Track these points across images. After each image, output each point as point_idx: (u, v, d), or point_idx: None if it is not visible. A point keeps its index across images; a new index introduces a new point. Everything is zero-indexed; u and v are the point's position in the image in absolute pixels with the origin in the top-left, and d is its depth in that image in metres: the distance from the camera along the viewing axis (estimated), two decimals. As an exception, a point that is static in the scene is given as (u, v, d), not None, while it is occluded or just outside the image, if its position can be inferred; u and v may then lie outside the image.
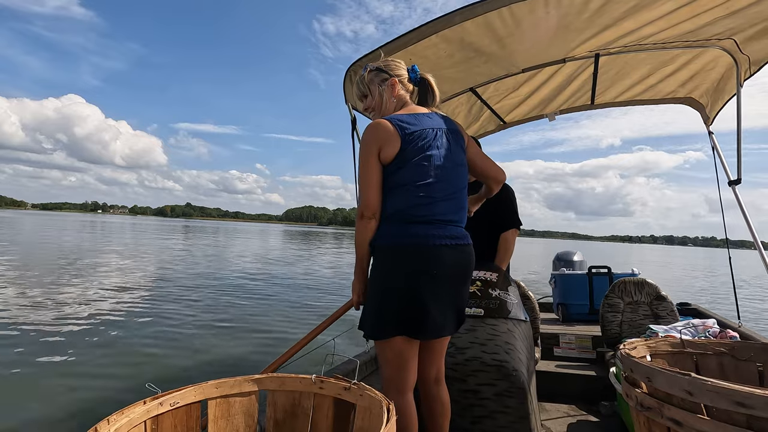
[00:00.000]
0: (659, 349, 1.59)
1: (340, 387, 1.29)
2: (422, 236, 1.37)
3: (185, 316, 6.76)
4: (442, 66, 2.40)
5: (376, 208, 1.43)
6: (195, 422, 1.24)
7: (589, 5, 1.94)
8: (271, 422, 1.34)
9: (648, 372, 1.19)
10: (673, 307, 2.94)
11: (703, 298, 11.87)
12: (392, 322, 1.37)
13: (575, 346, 3.25)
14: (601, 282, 4.11)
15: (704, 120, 2.99)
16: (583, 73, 2.91)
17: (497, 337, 1.88)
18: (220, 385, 1.29)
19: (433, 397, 1.56)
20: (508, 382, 1.73)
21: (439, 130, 1.47)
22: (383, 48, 2.10)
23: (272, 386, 1.35)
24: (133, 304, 7.49)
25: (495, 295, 2.08)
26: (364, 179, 1.42)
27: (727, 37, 2.24)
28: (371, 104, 1.60)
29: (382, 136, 1.40)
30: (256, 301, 8.48)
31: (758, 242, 2.30)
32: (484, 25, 2.04)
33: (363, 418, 1.22)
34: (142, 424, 1.10)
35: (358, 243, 1.46)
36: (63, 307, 6.89)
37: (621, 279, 3.11)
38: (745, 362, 1.54)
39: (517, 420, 1.71)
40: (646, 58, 2.63)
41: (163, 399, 1.16)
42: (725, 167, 2.55)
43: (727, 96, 2.73)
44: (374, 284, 1.44)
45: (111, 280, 9.96)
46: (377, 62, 1.61)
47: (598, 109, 3.38)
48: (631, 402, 1.28)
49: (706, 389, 1.02)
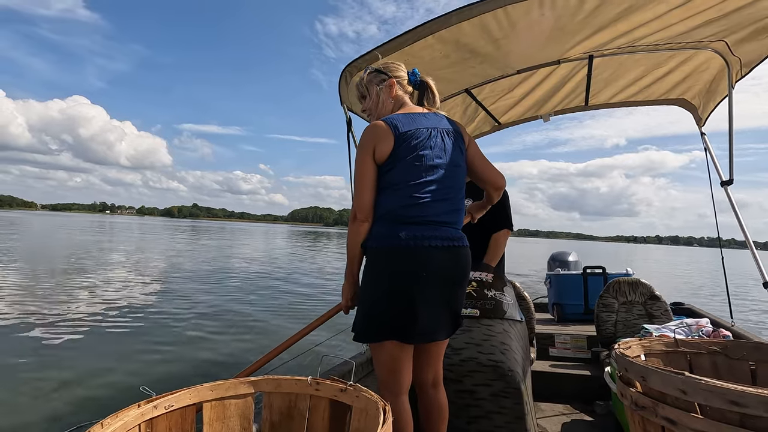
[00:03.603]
0: (653, 348, 1.60)
1: (336, 388, 1.28)
2: (412, 237, 1.34)
3: (181, 319, 6.71)
4: (438, 67, 2.40)
5: (369, 211, 1.41)
6: (190, 425, 1.23)
7: (583, 7, 1.95)
8: (267, 424, 1.33)
9: (642, 371, 1.19)
10: (666, 306, 2.97)
11: (705, 298, 11.95)
12: (382, 326, 1.35)
13: (570, 346, 3.26)
14: (595, 282, 4.13)
15: (696, 121, 3.02)
16: (577, 75, 2.93)
17: (493, 338, 1.89)
18: (216, 388, 1.28)
19: (430, 400, 1.54)
20: (503, 383, 1.74)
21: (434, 130, 1.45)
22: (380, 48, 2.10)
23: (268, 388, 1.34)
24: (132, 304, 7.43)
25: (490, 295, 2.09)
26: (359, 180, 1.42)
27: (719, 39, 2.26)
28: (368, 105, 1.60)
29: (376, 136, 1.40)
30: (256, 300, 8.45)
31: (750, 241, 2.33)
32: (480, 26, 2.05)
33: (359, 420, 1.21)
34: (136, 427, 1.09)
35: (350, 245, 1.44)
36: (60, 307, 6.82)
37: (615, 279, 3.13)
38: (738, 361, 1.56)
39: (513, 420, 1.72)
40: (639, 60, 2.65)
41: (157, 402, 1.15)
42: (717, 168, 2.58)
43: (719, 97, 2.76)
44: (365, 287, 1.43)
45: (111, 280, 9.88)
46: (377, 64, 1.61)
47: (593, 110, 3.41)
48: (626, 401, 1.29)
49: (699, 388, 1.03)
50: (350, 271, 1.50)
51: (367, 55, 2.16)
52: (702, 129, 2.98)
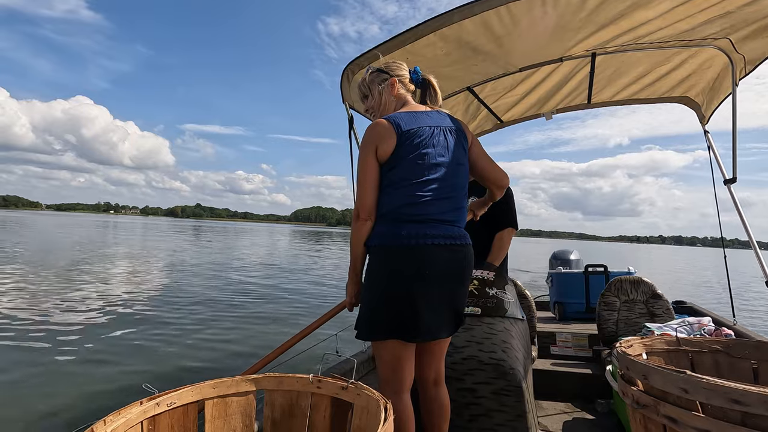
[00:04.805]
0: (655, 347, 1.60)
1: (338, 386, 1.29)
2: (414, 236, 1.35)
3: (183, 316, 6.73)
4: (440, 65, 2.40)
5: (372, 209, 1.41)
6: (192, 422, 1.24)
7: (585, 5, 1.94)
8: (269, 422, 1.34)
9: (644, 370, 1.19)
10: (668, 305, 2.96)
11: (707, 297, 11.91)
12: (384, 325, 1.36)
13: (572, 344, 3.26)
14: (597, 280, 4.13)
15: (700, 119, 3.00)
16: (579, 73, 2.91)
17: (494, 336, 1.89)
18: (217, 385, 1.29)
19: (432, 398, 1.55)
20: (505, 381, 1.74)
21: (437, 128, 1.45)
22: (382, 46, 2.09)
23: (269, 386, 1.34)
24: (131, 304, 7.46)
25: (492, 293, 2.09)
26: (361, 179, 1.42)
27: (723, 37, 2.25)
28: (371, 105, 1.60)
29: (379, 135, 1.40)
30: (257, 300, 8.46)
31: (752, 240, 2.32)
32: (482, 24, 2.05)
33: (360, 418, 1.22)
34: (138, 424, 1.09)
35: (353, 244, 1.45)
36: (62, 306, 6.85)
37: (617, 277, 3.12)
38: (739, 360, 1.55)
39: (514, 418, 1.72)
40: (642, 58, 2.64)
41: (159, 399, 1.16)
42: (721, 166, 2.57)
43: (722, 95, 2.74)
44: (367, 285, 1.43)
45: (113, 280, 9.91)
46: (379, 63, 1.61)
47: (595, 108, 3.39)
48: (628, 400, 1.29)
49: (701, 387, 1.02)
50: (353, 270, 1.51)
51: (369, 53, 2.16)
52: (705, 127, 2.96)
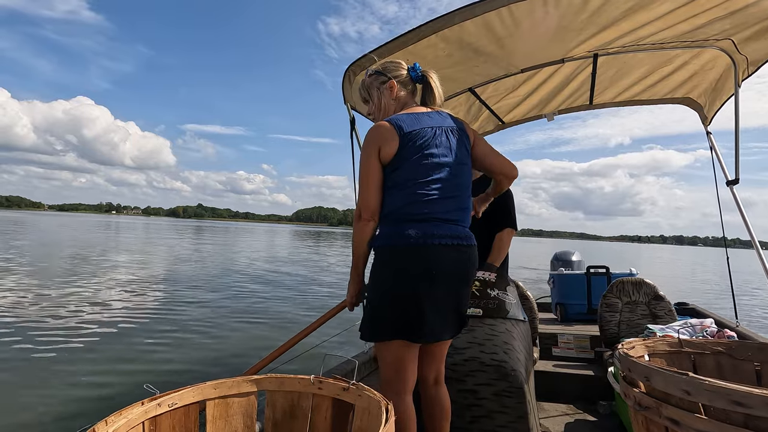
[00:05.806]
0: (657, 348, 1.59)
1: (339, 387, 1.29)
2: (419, 236, 1.34)
3: (183, 316, 6.74)
4: (441, 66, 2.40)
5: (375, 210, 1.41)
6: (193, 423, 1.24)
7: (587, 6, 1.94)
8: (270, 423, 1.34)
9: (646, 371, 1.19)
10: (671, 306, 2.95)
11: (709, 298, 11.88)
12: (389, 326, 1.35)
13: (573, 345, 3.25)
14: (599, 282, 4.12)
15: (702, 120, 2.99)
16: (581, 74, 2.91)
17: (496, 337, 1.89)
18: (219, 386, 1.29)
19: (432, 398, 1.55)
20: (506, 382, 1.73)
21: (439, 129, 1.45)
22: (383, 48, 2.10)
23: (271, 387, 1.34)
24: (133, 304, 7.47)
25: (493, 295, 2.09)
26: (364, 180, 1.42)
27: (725, 38, 2.25)
28: (372, 109, 1.60)
29: (381, 137, 1.40)
30: (257, 300, 8.47)
31: (755, 240, 2.31)
32: (483, 25, 2.05)
33: (362, 419, 1.21)
34: (140, 425, 1.09)
35: (355, 244, 1.45)
36: (64, 306, 6.87)
37: (619, 279, 3.12)
38: (742, 362, 1.55)
39: (516, 420, 1.71)
40: (644, 59, 2.64)
41: (161, 400, 1.16)
42: (723, 167, 2.56)
43: (725, 96, 2.74)
44: (372, 286, 1.43)
45: (115, 280, 9.93)
46: (377, 65, 1.61)
47: (597, 109, 3.39)
48: (629, 401, 1.29)
49: (704, 389, 1.02)
50: (355, 270, 1.51)
51: (371, 53, 2.16)
52: (707, 128, 2.95)
